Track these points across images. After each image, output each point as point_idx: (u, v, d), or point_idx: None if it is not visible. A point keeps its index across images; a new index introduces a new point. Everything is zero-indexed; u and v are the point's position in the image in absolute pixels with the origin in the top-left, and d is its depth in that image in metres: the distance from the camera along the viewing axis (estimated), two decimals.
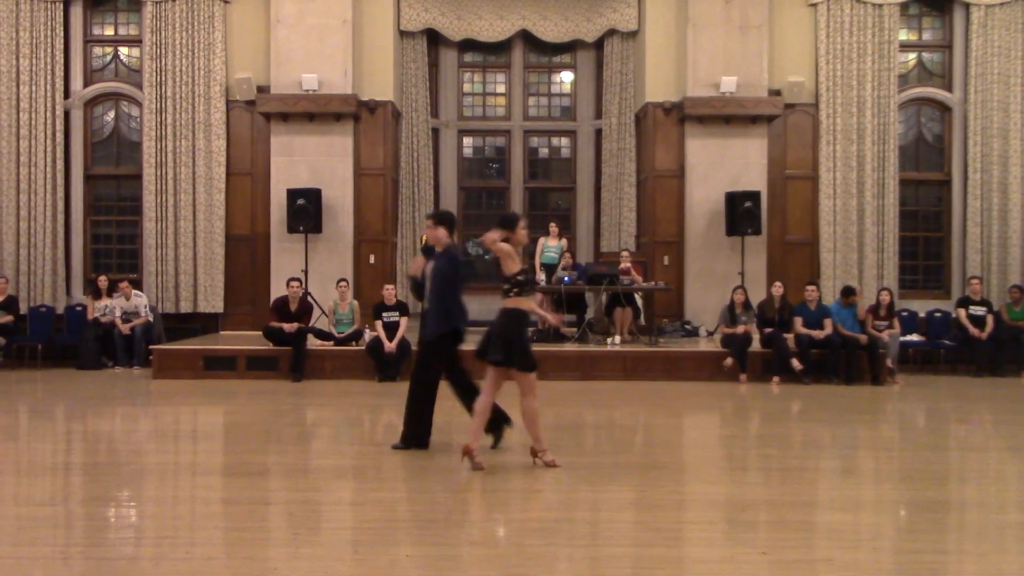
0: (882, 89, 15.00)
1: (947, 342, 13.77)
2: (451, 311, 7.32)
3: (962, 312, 13.60)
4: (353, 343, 12.59)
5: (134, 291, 14.01)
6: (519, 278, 6.77)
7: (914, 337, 13.85)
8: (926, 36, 15.76)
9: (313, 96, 14.38)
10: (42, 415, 10.10)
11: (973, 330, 13.34)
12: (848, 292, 12.73)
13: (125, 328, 13.58)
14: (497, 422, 7.29)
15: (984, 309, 13.56)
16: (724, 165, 14.77)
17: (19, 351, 14.09)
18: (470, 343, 7.34)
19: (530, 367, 6.68)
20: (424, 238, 13.14)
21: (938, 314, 14.52)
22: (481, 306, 15.51)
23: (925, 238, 15.70)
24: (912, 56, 15.67)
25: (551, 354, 12.42)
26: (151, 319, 13.90)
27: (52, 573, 4.57)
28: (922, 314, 14.57)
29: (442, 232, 7.46)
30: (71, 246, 15.11)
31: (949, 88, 15.54)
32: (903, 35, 15.42)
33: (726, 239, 14.60)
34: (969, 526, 5.70)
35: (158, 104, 14.78)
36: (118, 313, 13.72)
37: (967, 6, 15.20)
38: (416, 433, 7.38)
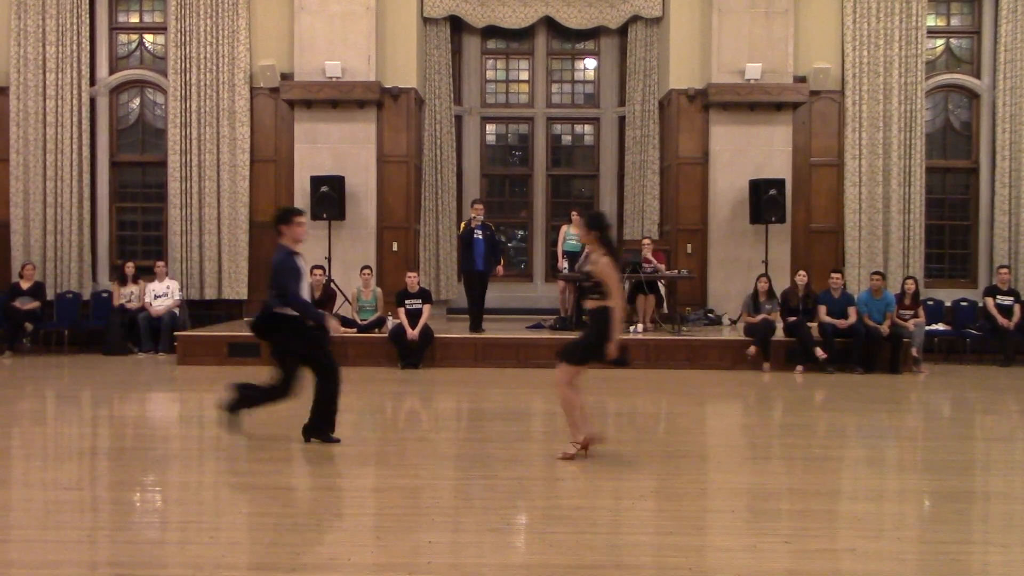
0: (909, 76, 14.84)
1: (973, 331, 13.65)
2: None
3: (989, 301, 13.47)
4: (376, 330, 12.64)
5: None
6: None
7: (940, 326, 13.75)
8: (954, 22, 15.57)
9: (336, 83, 14.40)
10: (69, 400, 10.21)
11: (1001, 319, 13.21)
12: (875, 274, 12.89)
13: (157, 310, 13.70)
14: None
15: (1012, 299, 13.43)
16: (748, 152, 14.67)
17: (46, 337, 14.26)
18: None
19: None
20: (463, 225, 13.22)
21: (964, 303, 14.40)
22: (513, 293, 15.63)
23: (952, 226, 15.53)
24: (940, 42, 15.48)
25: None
26: (180, 299, 14.11)
27: (79, 556, 4.63)
28: (948, 303, 14.45)
29: None
30: (97, 233, 15.23)
31: (977, 75, 15.35)
32: (931, 21, 15.24)
33: (750, 227, 14.51)
34: (994, 516, 5.66)
35: (183, 91, 14.85)
36: (148, 298, 13.85)
37: None
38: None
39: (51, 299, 14.53)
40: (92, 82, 15.16)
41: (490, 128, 16.77)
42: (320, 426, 7.18)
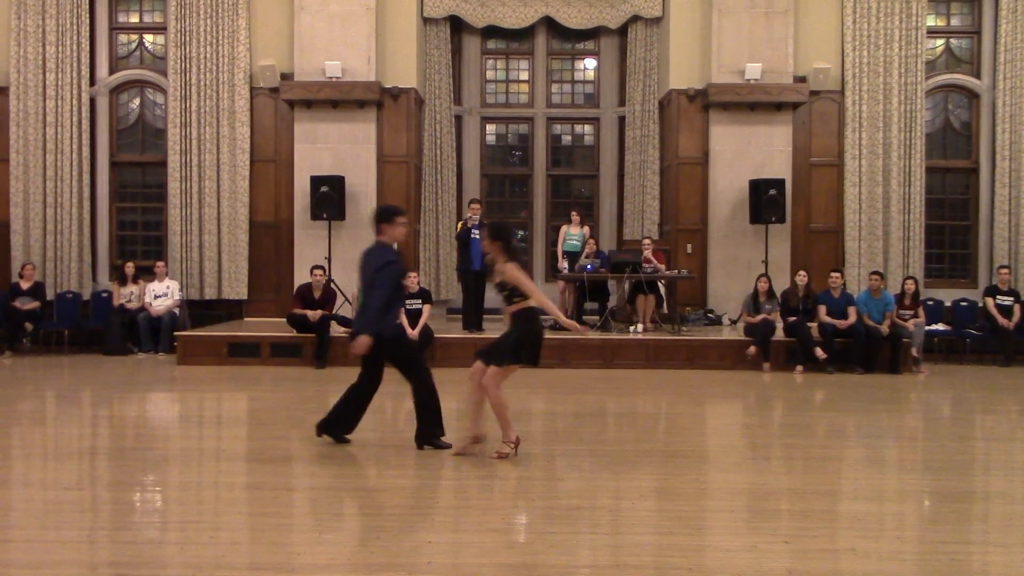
0: (909, 76, 14.84)
1: (973, 331, 13.64)
2: None
3: (989, 301, 13.47)
4: None
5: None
6: None
7: (939, 326, 13.75)
8: (954, 22, 15.57)
9: (336, 83, 14.40)
10: (69, 400, 10.20)
11: (1001, 319, 13.21)
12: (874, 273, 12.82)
13: (157, 310, 13.72)
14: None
15: (1012, 299, 13.43)
16: (748, 152, 14.68)
17: (46, 337, 14.25)
18: None
19: None
20: (460, 224, 13.23)
21: (964, 303, 14.39)
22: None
23: (951, 226, 15.54)
24: (940, 42, 15.49)
25: (573, 342, 12.40)
26: (180, 299, 14.16)
27: (79, 556, 4.62)
28: (948, 303, 14.45)
29: None
30: (97, 233, 15.23)
31: (977, 75, 15.35)
32: (931, 21, 15.25)
33: (750, 227, 14.52)
34: (994, 517, 5.66)
35: (183, 91, 14.85)
36: (148, 298, 13.86)
37: None
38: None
39: (51, 299, 14.53)
40: (92, 82, 15.17)
41: (490, 128, 16.77)
42: (340, 425, 7.20)
